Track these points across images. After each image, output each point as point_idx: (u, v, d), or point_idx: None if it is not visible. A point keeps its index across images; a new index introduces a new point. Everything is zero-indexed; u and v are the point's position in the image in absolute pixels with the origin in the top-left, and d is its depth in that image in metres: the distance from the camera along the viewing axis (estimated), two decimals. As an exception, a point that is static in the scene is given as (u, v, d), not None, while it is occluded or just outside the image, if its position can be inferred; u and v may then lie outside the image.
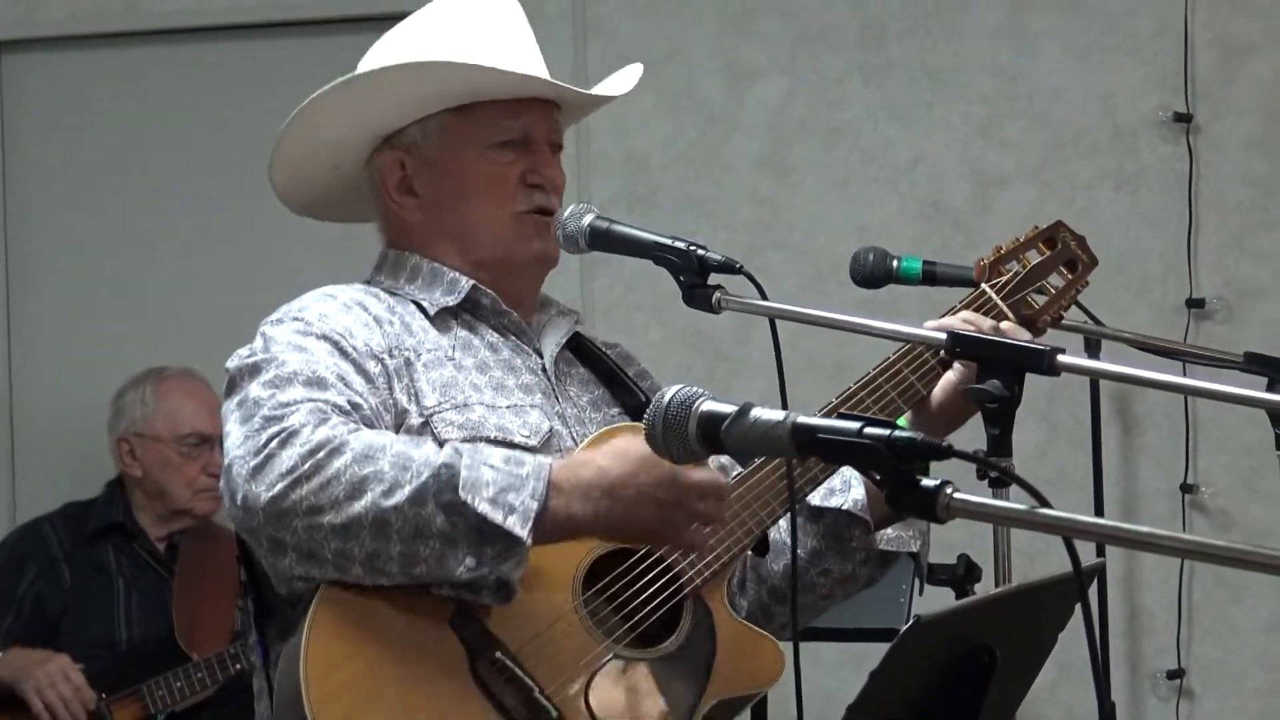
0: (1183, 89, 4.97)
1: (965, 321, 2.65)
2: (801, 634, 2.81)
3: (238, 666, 4.37)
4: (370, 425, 2.45)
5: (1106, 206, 4.99)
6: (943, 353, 2.61)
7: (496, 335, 2.69)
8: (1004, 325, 2.66)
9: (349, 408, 2.43)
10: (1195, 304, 4.95)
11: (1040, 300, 2.78)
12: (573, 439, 2.62)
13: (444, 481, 2.33)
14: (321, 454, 2.34)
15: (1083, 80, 5.05)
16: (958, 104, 5.10)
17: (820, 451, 1.92)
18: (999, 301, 2.74)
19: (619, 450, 2.42)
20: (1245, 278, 4.97)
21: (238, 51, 5.48)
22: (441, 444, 2.45)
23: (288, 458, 2.34)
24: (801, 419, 1.95)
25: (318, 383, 2.44)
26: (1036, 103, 5.07)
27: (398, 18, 2.80)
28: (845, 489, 2.69)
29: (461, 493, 2.32)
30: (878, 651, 2.03)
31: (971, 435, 2.48)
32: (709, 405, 2.07)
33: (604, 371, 2.77)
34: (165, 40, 5.51)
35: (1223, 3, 4.98)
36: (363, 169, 2.75)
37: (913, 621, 2.00)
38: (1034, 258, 2.81)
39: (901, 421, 2.65)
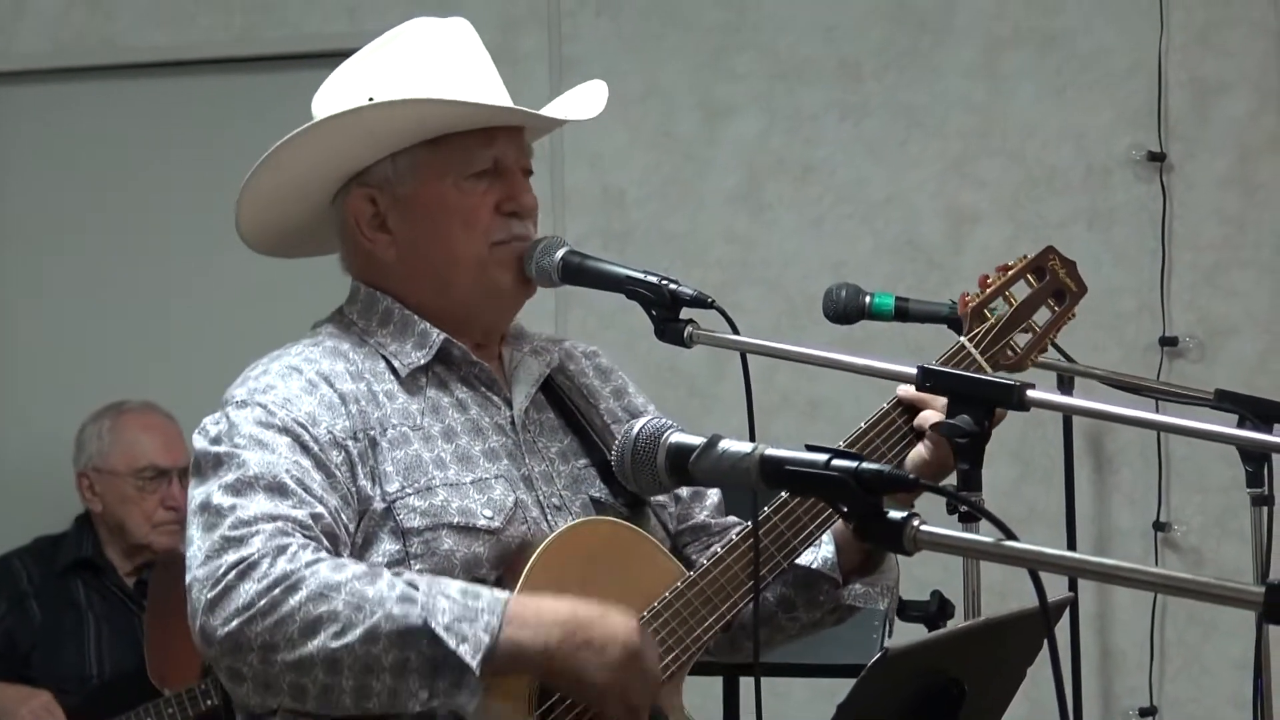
0: (1156, 127, 4.99)
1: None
2: (774, 670, 2.82)
3: (209, 702, 4.34)
4: (331, 534, 2.46)
5: (1080, 244, 5.00)
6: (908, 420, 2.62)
7: (465, 390, 2.67)
8: None
9: (310, 521, 2.45)
10: (1168, 342, 4.97)
11: (1023, 342, 2.73)
12: (539, 504, 2.61)
13: (398, 618, 2.36)
14: (277, 590, 2.36)
15: (1057, 118, 5.07)
16: (932, 141, 5.12)
17: (788, 483, 1.93)
18: (977, 356, 2.70)
19: (593, 606, 2.42)
20: (1218, 316, 4.99)
21: (215, 85, 5.49)
22: (404, 533, 2.49)
23: (244, 592, 2.37)
24: (770, 450, 1.95)
25: (279, 489, 2.45)
26: (1010, 141, 5.09)
27: (372, 52, 2.79)
28: (816, 544, 2.67)
29: (422, 614, 2.35)
30: (849, 687, 2.03)
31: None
32: (677, 437, 2.07)
33: (574, 421, 2.75)
34: (143, 74, 5.51)
35: (1196, 42, 5.01)
36: (328, 207, 2.71)
37: (881, 653, 2.00)
38: (1021, 291, 2.75)
39: None
